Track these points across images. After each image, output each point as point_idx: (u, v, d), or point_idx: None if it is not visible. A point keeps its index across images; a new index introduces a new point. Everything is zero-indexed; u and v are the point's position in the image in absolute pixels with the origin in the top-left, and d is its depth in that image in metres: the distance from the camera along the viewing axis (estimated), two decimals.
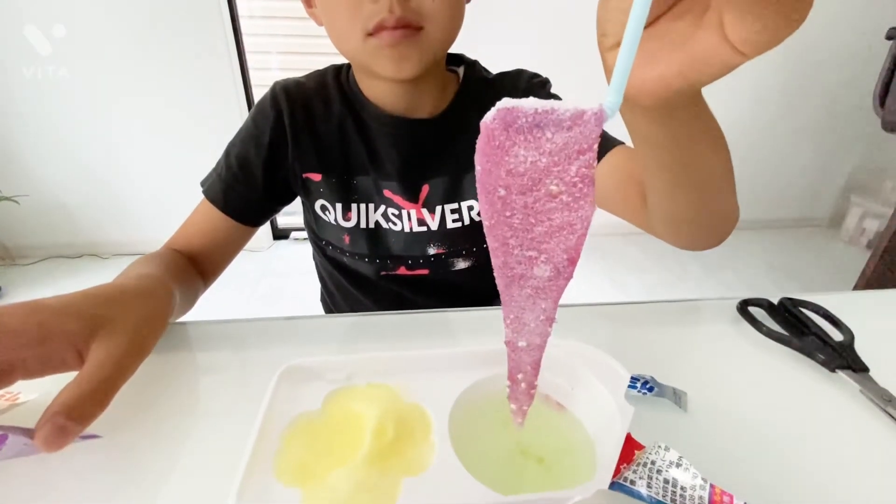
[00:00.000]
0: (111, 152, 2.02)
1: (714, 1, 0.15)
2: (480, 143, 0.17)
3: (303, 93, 0.50)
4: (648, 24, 0.18)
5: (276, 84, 0.50)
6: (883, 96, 1.15)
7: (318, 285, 0.67)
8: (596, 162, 0.17)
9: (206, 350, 0.34)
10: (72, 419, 0.22)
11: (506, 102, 0.16)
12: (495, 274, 0.20)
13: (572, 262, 0.19)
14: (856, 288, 1.59)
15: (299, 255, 2.22)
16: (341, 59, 0.47)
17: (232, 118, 2.04)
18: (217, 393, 0.30)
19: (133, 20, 1.81)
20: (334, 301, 0.64)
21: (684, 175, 0.26)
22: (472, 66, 0.52)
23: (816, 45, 2.17)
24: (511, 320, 0.21)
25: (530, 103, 0.16)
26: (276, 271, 2.02)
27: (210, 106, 2.01)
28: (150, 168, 2.08)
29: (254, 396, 0.25)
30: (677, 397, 0.29)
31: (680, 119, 0.22)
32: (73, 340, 0.25)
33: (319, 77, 0.51)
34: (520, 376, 0.23)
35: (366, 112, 0.49)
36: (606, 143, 0.45)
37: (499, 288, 0.20)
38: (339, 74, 0.51)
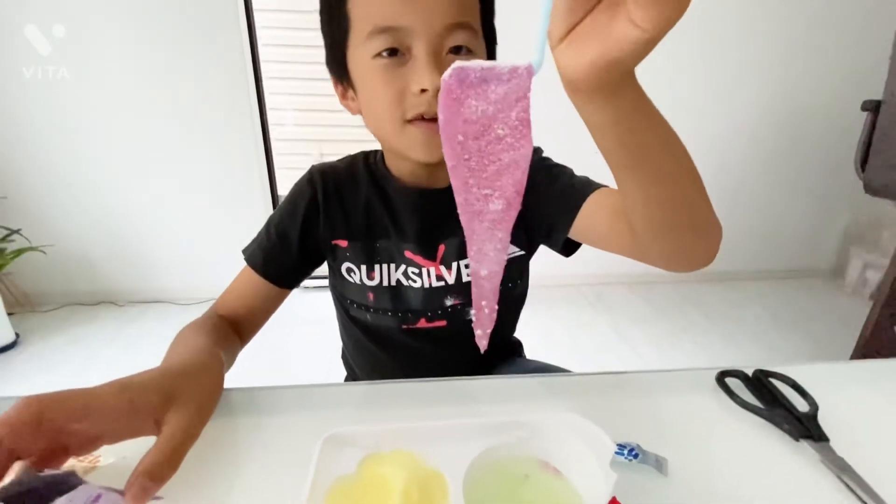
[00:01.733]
0: (127, 195, 2.12)
1: None
2: (441, 97, 0.22)
3: (335, 174, 0.59)
4: (577, 23, 0.22)
5: (313, 167, 0.60)
6: (863, 162, 1.23)
7: (327, 332, 0.73)
8: (530, 108, 0.22)
9: (249, 415, 0.39)
10: (153, 480, 0.27)
11: (458, 63, 0.21)
12: (459, 212, 0.24)
13: (519, 193, 0.24)
14: (860, 339, 1.60)
15: (309, 304, 2.28)
16: (343, 115, 0.55)
17: (249, 173, 2.16)
18: (262, 455, 0.35)
19: (146, 51, 1.92)
20: (354, 358, 0.69)
21: (635, 161, 0.30)
22: None
23: (811, 102, 2.30)
24: (475, 252, 0.25)
25: (477, 63, 0.21)
26: (285, 320, 2.07)
27: (227, 160, 2.13)
28: (166, 218, 2.18)
29: (296, 459, 0.30)
30: (659, 463, 0.33)
31: (619, 103, 0.26)
32: (154, 412, 0.30)
33: (351, 160, 0.61)
34: (483, 303, 0.27)
35: (390, 186, 0.57)
36: (591, 186, 0.51)
37: (463, 224, 0.25)
38: (368, 158, 0.60)
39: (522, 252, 0.61)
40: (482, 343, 0.30)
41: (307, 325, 2.07)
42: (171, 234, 2.21)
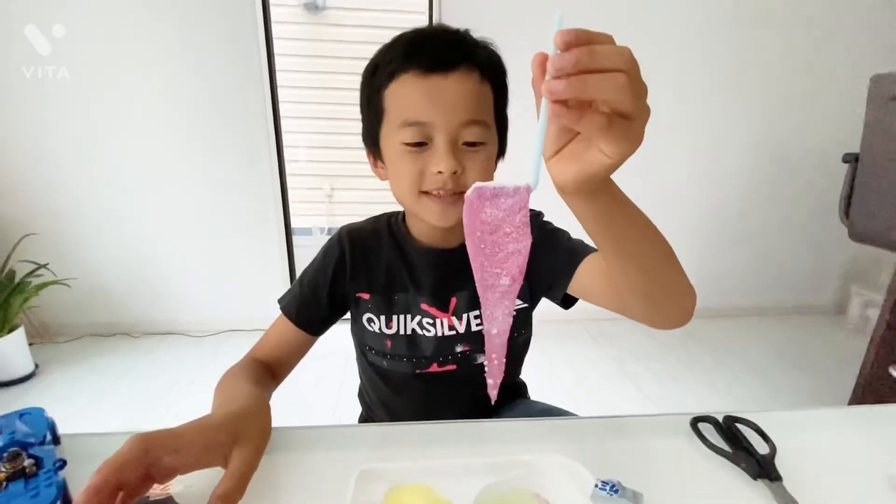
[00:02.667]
0: (144, 229, 2.23)
1: (593, 136, 0.29)
2: (465, 207, 0.31)
3: (361, 235, 0.67)
4: (561, 148, 0.31)
5: (342, 228, 0.68)
6: (846, 210, 1.31)
7: (333, 369, 0.79)
8: (528, 214, 0.31)
9: (288, 452, 0.45)
10: (226, 503, 0.34)
11: (477, 184, 0.31)
12: (476, 285, 0.33)
13: (521, 273, 0.32)
14: (859, 379, 1.63)
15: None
16: (352, 153, 0.64)
17: (264, 209, 2.27)
18: (301, 486, 0.41)
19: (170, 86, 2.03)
20: (371, 397, 0.76)
21: (615, 244, 0.39)
22: None
23: (808, 144, 2.41)
24: (487, 315, 0.34)
25: (491, 183, 0.30)
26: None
27: (243, 197, 2.25)
28: (181, 252, 2.28)
29: (330, 490, 0.36)
30: (636, 498, 0.39)
31: (596, 203, 0.35)
32: (224, 449, 0.37)
33: (375, 222, 0.69)
34: (494, 356, 0.35)
35: (408, 246, 0.66)
36: (586, 250, 0.60)
37: (479, 293, 0.33)
38: (390, 220, 0.69)
39: (526, 305, 0.68)
40: (493, 392, 0.36)
41: (316, 360, 2.12)
42: (186, 267, 2.31)
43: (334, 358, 2.10)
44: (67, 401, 1.82)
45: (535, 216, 0.68)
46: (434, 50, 0.52)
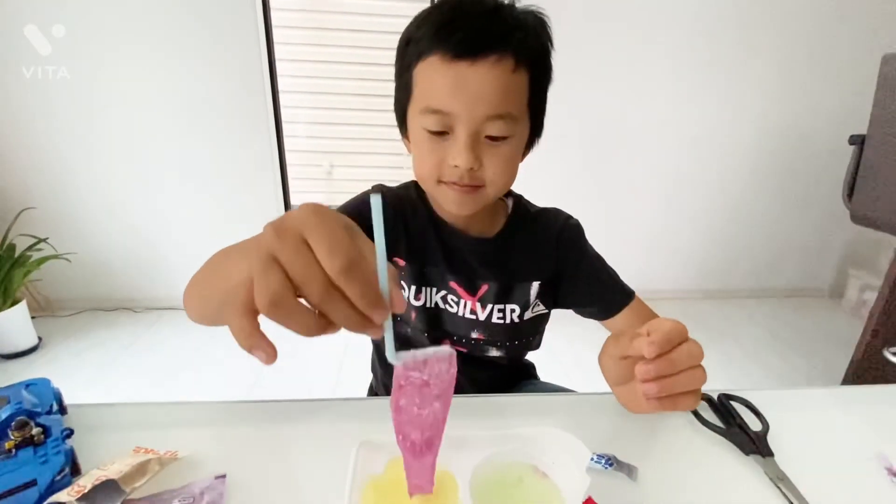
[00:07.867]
0: (144, 204, 2.22)
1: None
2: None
3: (398, 198, 0.65)
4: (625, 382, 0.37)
5: (378, 187, 0.66)
6: (850, 193, 1.30)
7: (334, 344, 0.76)
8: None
9: (295, 424, 0.46)
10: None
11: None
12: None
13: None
14: (851, 361, 1.65)
15: None
16: (353, 129, 0.63)
17: (264, 184, 2.26)
18: (308, 456, 0.42)
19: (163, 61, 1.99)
20: (384, 368, 0.76)
21: None
22: (519, 200, 0.68)
23: (811, 129, 2.37)
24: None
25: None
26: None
27: (242, 171, 2.23)
28: (181, 227, 2.28)
29: (336, 460, 0.37)
30: (630, 471, 0.40)
31: None
32: None
33: (406, 189, 0.67)
34: None
35: (444, 224, 0.64)
36: (623, 302, 0.64)
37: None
38: (419, 191, 0.66)
39: (547, 311, 0.68)
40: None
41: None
42: (186, 242, 2.30)
43: (336, 335, 2.13)
44: (71, 372, 1.85)
45: (576, 227, 0.67)
46: (465, 32, 0.48)
